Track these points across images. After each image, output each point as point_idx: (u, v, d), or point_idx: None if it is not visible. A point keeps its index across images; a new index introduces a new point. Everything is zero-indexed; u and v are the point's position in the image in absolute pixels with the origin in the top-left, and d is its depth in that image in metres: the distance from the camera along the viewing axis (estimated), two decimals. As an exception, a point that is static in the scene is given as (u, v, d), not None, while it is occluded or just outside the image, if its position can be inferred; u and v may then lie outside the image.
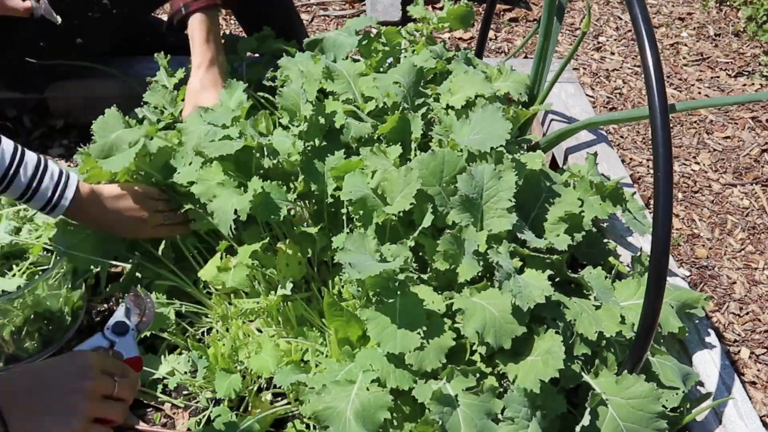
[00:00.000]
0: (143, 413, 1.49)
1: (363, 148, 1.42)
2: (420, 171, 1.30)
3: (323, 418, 1.14)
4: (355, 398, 1.14)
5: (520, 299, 1.16)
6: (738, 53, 2.97)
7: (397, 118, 1.45)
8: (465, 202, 1.28)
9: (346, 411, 1.13)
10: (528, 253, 1.31)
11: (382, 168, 1.34)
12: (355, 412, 1.13)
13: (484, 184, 1.29)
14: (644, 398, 1.18)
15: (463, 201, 1.28)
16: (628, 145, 2.47)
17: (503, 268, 1.19)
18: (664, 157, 1.05)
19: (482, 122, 1.38)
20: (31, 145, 2.12)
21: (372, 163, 1.36)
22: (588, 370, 1.25)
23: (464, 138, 1.38)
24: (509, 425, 1.15)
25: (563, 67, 1.81)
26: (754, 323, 1.93)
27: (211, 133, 1.44)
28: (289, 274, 1.44)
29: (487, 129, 1.36)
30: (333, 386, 1.17)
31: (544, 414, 1.18)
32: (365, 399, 1.14)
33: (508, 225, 1.27)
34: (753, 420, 1.38)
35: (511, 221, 1.27)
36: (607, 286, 1.36)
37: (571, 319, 1.24)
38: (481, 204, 1.29)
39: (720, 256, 2.11)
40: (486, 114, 1.39)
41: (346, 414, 1.13)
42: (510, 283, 1.18)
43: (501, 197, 1.28)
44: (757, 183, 2.37)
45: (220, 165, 1.43)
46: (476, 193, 1.28)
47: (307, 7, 3.01)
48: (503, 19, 3.04)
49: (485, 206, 1.29)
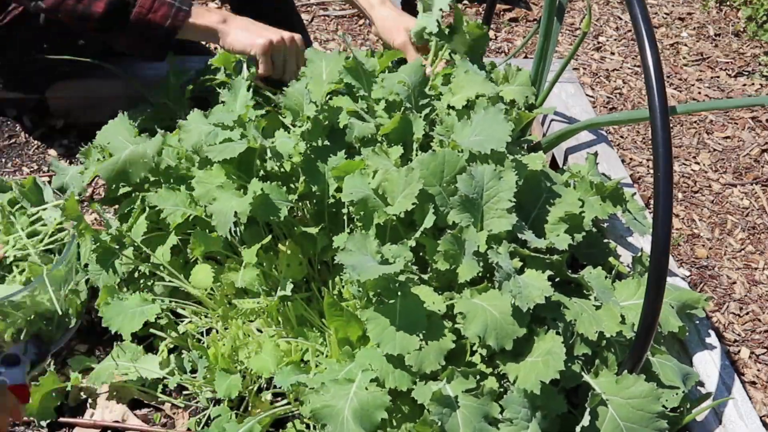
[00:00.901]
0: (143, 413, 1.50)
1: (365, 148, 1.42)
2: (421, 171, 1.30)
3: (321, 417, 1.14)
4: (354, 397, 1.14)
5: (520, 300, 1.16)
6: (738, 53, 2.97)
7: (399, 119, 1.45)
8: (465, 202, 1.28)
9: (344, 410, 1.14)
10: (528, 254, 1.31)
11: (383, 168, 1.34)
12: (353, 411, 1.13)
13: (484, 185, 1.29)
14: (644, 398, 1.18)
15: (463, 201, 1.28)
16: (628, 145, 2.48)
17: (503, 269, 1.19)
18: (664, 157, 1.06)
19: (483, 124, 1.38)
20: (31, 145, 2.12)
21: (373, 163, 1.36)
22: (588, 370, 1.25)
23: (465, 139, 1.38)
24: (508, 426, 1.15)
25: (563, 67, 1.81)
26: (754, 323, 1.93)
27: (212, 135, 1.43)
28: (290, 275, 1.44)
29: (488, 131, 1.36)
30: (332, 385, 1.17)
31: (545, 414, 1.18)
32: (363, 398, 1.14)
33: (508, 225, 1.27)
34: (753, 420, 1.38)
35: (511, 221, 1.27)
36: (607, 286, 1.36)
37: (571, 319, 1.24)
38: (481, 204, 1.29)
39: (720, 256, 2.11)
40: (488, 116, 1.39)
41: (344, 413, 1.13)
42: (510, 284, 1.18)
43: (501, 197, 1.28)
44: (757, 183, 2.37)
45: (222, 168, 1.43)
46: (476, 194, 1.28)
47: (307, 7, 3.01)
48: (503, 19, 3.04)
49: (485, 206, 1.29)
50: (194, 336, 1.53)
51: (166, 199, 1.50)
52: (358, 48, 2.82)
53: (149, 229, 1.55)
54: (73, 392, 1.50)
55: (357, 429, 1.13)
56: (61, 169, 1.75)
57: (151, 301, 1.45)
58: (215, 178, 1.41)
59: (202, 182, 1.41)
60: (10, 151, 2.09)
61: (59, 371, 1.56)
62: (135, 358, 1.50)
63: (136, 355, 1.51)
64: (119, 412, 1.48)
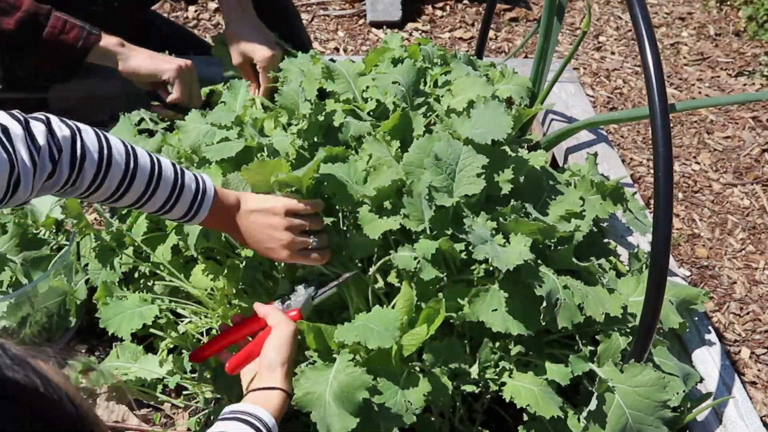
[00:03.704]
0: (143, 413, 1.49)
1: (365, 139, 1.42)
2: (417, 155, 1.31)
3: (304, 404, 1.14)
4: (333, 381, 1.14)
5: (498, 262, 1.16)
6: (738, 53, 2.97)
7: (399, 116, 1.45)
8: (439, 165, 1.28)
9: (324, 394, 1.13)
10: (512, 221, 1.30)
11: (378, 155, 1.35)
12: (334, 394, 1.13)
13: (460, 154, 1.29)
14: (651, 386, 1.19)
15: (437, 163, 1.28)
16: (628, 145, 2.47)
17: (475, 231, 1.20)
18: (664, 157, 1.06)
19: (484, 117, 1.38)
20: (31, 145, 2.12)
21: (370, 148, 1.36)
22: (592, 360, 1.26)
23: (466, 132, 1.38)
24: None
25: (563, 66, 1.81)
26: (754, 323, 1.93)
27: (210, 134, 1.44)
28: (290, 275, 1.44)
29: (489, 124, 1.36)
30: (311, 372, 1.16)
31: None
32: (343, 381, 1.14)
33: (477, 189, 1.27)
34: (753, 420, 1.38)
35: (480, 186, 1.27)
36: (612, 277, 1.38)
37: (579, 302, 1.24)
38: (455, 171, 1.29)
39: (720, 256, 2.11)
40: (488, 110, 1.39)
41: (325, 397, 1.13)
42: (486, 247, 1.18)
43: (474, 167, 1.29)
44: (758, 183, 2.37)
45: (220, 167, 1.43)
46: (452, 161, 1.29)
47: (307, 7, 3.01)
48: (503, 19, 3.04)
49: (459, 175, 1.29)
50: (194, 336, 1.52)
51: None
52: (358, 47, 2.83)
53: (149, 228, 1.55)
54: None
55: (340, 412, 1.12)
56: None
57: (150, 301, 1.45)
58: (214, 179, 1.41)
59: None
60: (10, 151, 2.09)
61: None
62: (135, 358, 1.50)
63: (136, 355, 1.51)
64: (119, 412, 1.48)
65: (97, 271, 1.52)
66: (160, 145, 1.55)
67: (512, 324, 1.21)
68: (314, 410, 1.14)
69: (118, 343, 1.51)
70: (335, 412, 1.13)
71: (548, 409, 1.19)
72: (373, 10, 2.93)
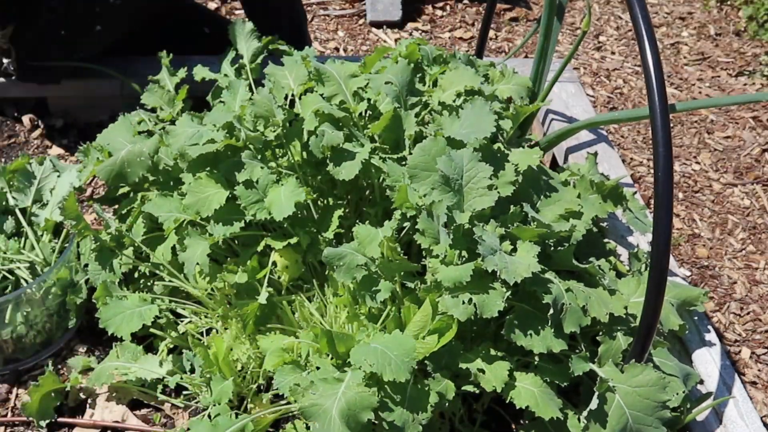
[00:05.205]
0: (143, 413, 1.49)
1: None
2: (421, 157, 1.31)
3: (309, 415, 1.14)
4: (342, 397, 1.14)
5: (506, 274, 1.17)
6: (739, 53, 2.97)
7: (390, 117, 1.45)
8: (446, 183, 1.28)
9: (331, 409, 1.13)
10: (518, 229, 1.31)
11: None
12: (340, 411, 1.13)
13: (464, 166, 1.29)
14: (651, 387, 1.19)
15: (444, 181, 1.28)
16: (628, 145, 2.47)
17: (486, 242, 1.20)
18: (664, 157, 1.06)
19: (471, 118, 1.40)
20: (31, 144, 2.12)
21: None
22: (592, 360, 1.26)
23: (453, 132, 1.40)
24: None
25: (563, 66, 1.81)
26: (754, 323, 1.93)
27: (197, 135, 1.45)
28: (290, 275, 1.45)
29: (475, 124, 1.38)
30: (321, 384, 1.16)
31: None
32: (351, 398, 1.14)
33: (490, 202, 1.28)
34: (753, 420, 1.38)
35: (492, 198, 1.28)
36: (612, 277, 1.39)
37: (583, 304, 1.25)
38: (462, 186, 1.30)
39: (721, 256, 2.11)
40: (474, 109, 1.41)
41: (331, 412, 1.13)
42: (495, 258, 1.19)
43: (480, 178, 1.30)
44: (758, 183, 2.37)
45: (211, 177, 1.44)
46: (457, 175, 1.29)
47: (307, 6, 3.01)
48: (503, 19, 3.04)
49: (466, 188, 1.30)
50: (194, 336, 1.52)
51: (159, 206, 1.51)
52: (358, 47, 2.83)
53: (149, 229, 1.55)
54: (72, 392, 1.50)
55: (343, 429, 1.12)
56: (61, 167, 1.75)
57: (150, 302, 1.45)
58: (205, 187, 1.43)
59: (192, 191, 1.43)
60: (10, 151, 2.09)
61: (59, 371, 1.56)
62: (135, 358, 1.50)
63: (136, 355, 1.51)
64: (119, 413, 1.48)
65: (97, 271, 1.52)
66: (157, 145, 1.55)
67: (554, 342, 1.22)
68: (318, 423, 1.13)
69: (118, 343, 1.50)
70: (339, 429, 1.12)
71: (548, 410, 1.19)
72: (373, 10, 2.93)
